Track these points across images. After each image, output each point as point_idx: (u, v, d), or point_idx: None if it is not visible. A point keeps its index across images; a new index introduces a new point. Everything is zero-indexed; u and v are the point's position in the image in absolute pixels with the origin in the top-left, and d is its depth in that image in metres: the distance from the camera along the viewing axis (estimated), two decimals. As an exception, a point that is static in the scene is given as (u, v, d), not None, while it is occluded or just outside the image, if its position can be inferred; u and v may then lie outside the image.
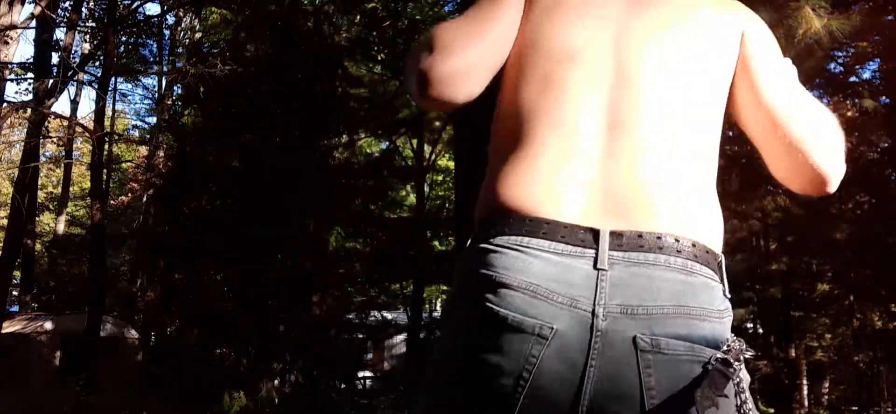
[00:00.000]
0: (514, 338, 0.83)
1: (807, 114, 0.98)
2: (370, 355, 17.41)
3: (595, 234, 0.86)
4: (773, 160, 1.01)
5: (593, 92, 0.93)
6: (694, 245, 0.87)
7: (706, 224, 0.90)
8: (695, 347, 0.83)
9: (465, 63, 0.95)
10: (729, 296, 0.92)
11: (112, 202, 22.36)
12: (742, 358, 0.84)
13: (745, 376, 0.85)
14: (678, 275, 0.85)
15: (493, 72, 0.99)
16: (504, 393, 0.83)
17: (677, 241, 0.86)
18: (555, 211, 0.87)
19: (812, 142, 0.95)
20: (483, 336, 0.85)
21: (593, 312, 0.82)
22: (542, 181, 0.89)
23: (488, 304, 0.85)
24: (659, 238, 0.86)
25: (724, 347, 0.84)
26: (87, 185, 20.46)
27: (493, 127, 1.00)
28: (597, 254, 0.85)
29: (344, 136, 12.35)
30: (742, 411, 0.83)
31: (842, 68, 9.53)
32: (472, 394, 0.86)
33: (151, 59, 17.88)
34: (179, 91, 15.70)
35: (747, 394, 0.84)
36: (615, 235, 0.86)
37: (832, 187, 0.98)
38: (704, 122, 0.96)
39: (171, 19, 17.69)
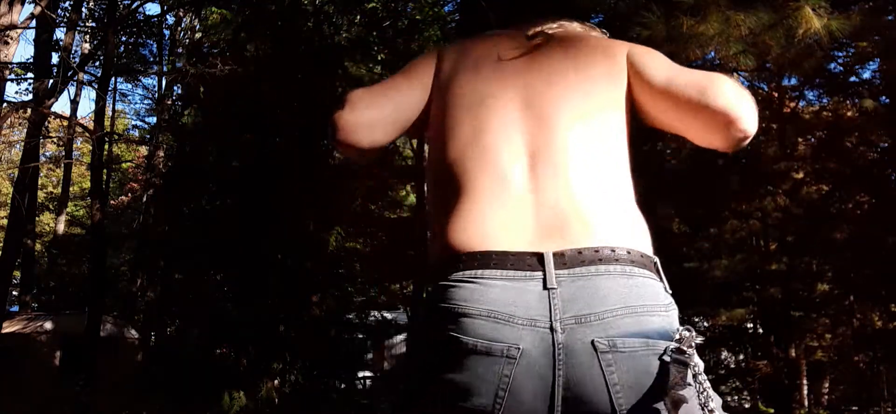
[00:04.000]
0: (486, 361, 0.92)
1: (695, 77, 1.09)
2: (370, 355, 17.40)
3: (540, 257, 0.96)
4: (690, 128, 1.11)
5: (511, 133, 1.06)
6: (629, 252, 0.97)
7: (634, 232, 1.02)
8: (649, 342, 0.93)
9: (366, 118, 1.14)
10: (669, 291, 1.01)
11: (112, 202, 22.37)
12: (693, 345, 0.92)
13: (699, 362, 0.93)
14: (620, 279, 0.95)
15: (398, 129, 1.17)
16: (485, 412, 0.92)
17: (613, 250, 0.96)
18: (501, 243, 0.97)
19: (707, 91, 1.06)
20: (457, 365, 0.93)
21: (551, 328, 0.92)
22: (484, 220, 1.00)
23: (456, 334, 0.93)
24: (596, 251, 0.96)
25: (677, 337, 0.93)
26: (87, 185, 20.46)
27: (426, 178, 1.16)
28: (545, 275, 0.94)
29: (344, 136, 12.33)
30: (701, 395, 0.91)
31: (842, 68, 9.53)
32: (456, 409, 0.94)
33: (151, 59, 17.90)
34: (179, 91, 15.70)
35: (704, 377, 0.92)
36: (558, 255, 0.96)
37: (744, 123, 1.06)
38: (613, 142, 1.08)
39: (171, 19, 17.70)
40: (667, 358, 0.91)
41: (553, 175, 1.02)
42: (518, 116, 1.07)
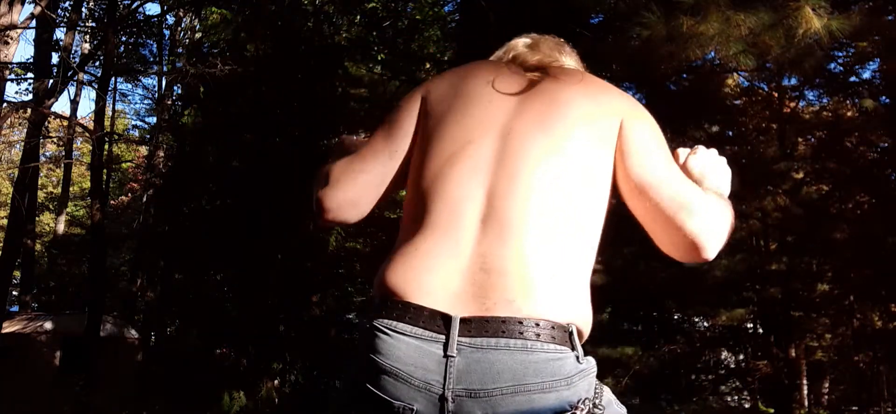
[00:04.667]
0: (386, 413, 0.96)
1: (680, 188, 1.07)
2: (370, 355, 17.43)
3: (447, 320, 0.96)
4: (657, 236, 1.10)
5: (475, 183, 1.04)
6: (538, 324, 0.96)
7: (558, 301, 0.99)
8: None
9: (349, 196, 1.15)
10: (582, 361, 1.00)
11: (112, 202, 22.37)
12: (598, 409, 0.96)
13: None
14: (518, 355, 0.94)
15: (384, 193, 1.17)
16: None
17: (521, 323, 0.95)
18: (420, 296, 0.99)
19: (682, 211, 1.05)
20: (365, 408, 0.99)
21: (443, 396, 0.94)
22: (415, 268, 1.01)
23: (367, 385, 0.98)
24: (504, 322, 0.95)
25: (570, 412, 0.95)
26: (87, 185, 20.46)
27: (403, 210, 1.15)
28: (447, 340, 0.95)
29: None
30: None
31: (842, 68, 9.53)
32: None
33: (151, 59, 17.89)
34: (179, 91, 15.71)
35: None
36: (465, 321, 0.96)
37: (707, 254, 1.07)
38: (580, 217, 1.05)
39: (171, 19, 17.71)
40: None
41: (498, 236, 1.00)
42: (488, 170, 1.05)
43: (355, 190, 1.15)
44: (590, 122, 1.09)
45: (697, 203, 1.07)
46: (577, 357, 0.99)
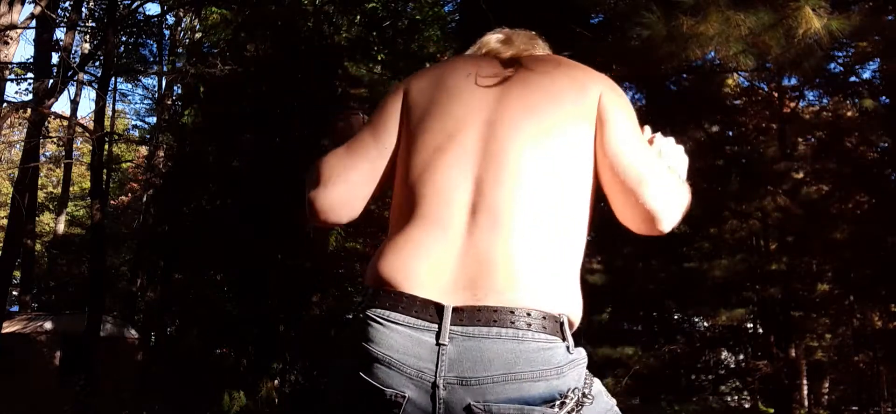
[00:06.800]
0: (378, 401, 0.98)
1: (643, 163, 1.10)
2: (370, 355, 17.41)
3: (440, 309, 0.98)
4: (616, 205, 1.12)
5: (462, 173, 1.06)
6: (529, 314, 0.98)
7: (548, 292, 1.01)
8: (525, 408, 0.95)
9: (342, 196, 1.16)
10: (573, 351, 1.01)
11: (112, 202, 22.37)
12: (578, 408, 0.97)
13: (601, 407, 1.01)
14: (509, 344, 0.96)
15: (374, 192, 1.18)
16: None
17: (512, 312, 0.97)
18: (413, 286, 1.01)
19: (642, 185, 1.08)
20: (357, 397, 1.01)
21: (434, 383, 0.96)
22: (406, 258, 1.03)
23: (360, 373, 1.00)
24: (495, 311, 0.97)
25: (559, 402, 0.96)
26: (87, 185, 20.46)
27: (392, 202, 1.16)
28: (440, 329, 0.97)
29: (344, 136, 12.33)
30: None
31: (842, 68, 9.53)
32: None
33: (151, 59, 17.90)
34: (179, 91, 15.71)
35: None
36: (457, 310, 0.98)
37: (663, 226, 1.10)
38: (568, 199, 1.07)
39: (171, 19, 17.71)
40: None
41: (488, 225, 1.02)
42: (475, 159, 1.07)
43: (347, 189, 1.16)
44: (571, 102, 1.11)
45: (657, 176, 1.10)
46: (568, 347, 1.00)
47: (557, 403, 0.96)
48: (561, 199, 1.06)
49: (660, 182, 1.10)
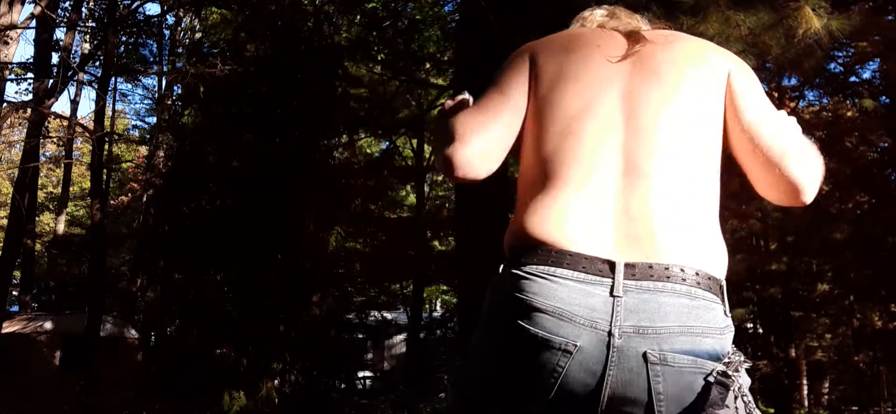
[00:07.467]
0: (546, 352, 1.01)
1: (783, 134, 1.15)
2: (370, 355, 17.40)
3: (611, 265, 1.02)
4: (757, 178, 1.17)
5: (608, 139, 1.10)
6: (697, 273, 1.03)
7: (709, 254, 1.06)
8: (697, 361, 1.00)
9: (479, 149, 1.15)
10: (729, 315, 1.08)
11: (112, 202, 22.36)
12: (741, 368, 1.01)
13: (745, 381, 1.01)
14: (683, 299, 1.01)
15: (507, 149, 1.19)
16: (538, 395, 1.03)
17: (682, 270, 1.02)
18: (577, 244, 1.04)
19: (786, 158, 1.12)
20: (520, 351, 1.03)
21: (610, 332, 0.99)
22: (566, 218, 1.06)
23: (523, 323, 1.02)
24: (667, 268, 1.02)
25: (725, 360, 1.01)
26: (87, 185, 20.46)
27: (520, 173, 1.19)
28: (613, 283, 1.01)
29: (344, 136, 12.33)
30: (747, 409, 1.00)
31: (842, 68, 9.53)
32: (515, 386, 1.05)
33: (151, 59, 17.90)
34: (179, 91, 15.69)
35: (748, 397, 1.01)
36: (629, 266, 1.02)
37: (807, 198, 1.15)
38: (707, 157, 1.12)
39: (171, 19, 17.70)
40: (711, 379, 0.99)
41: (641, 186, 1.06)
42: (618, 124, 1.11)
43: (487, 143, 1.16)
44: (698, 74, 1.15)
45: (798, 148, 1.14)
46: (725, 311, 1.07)
47: (724, 361, 1.01)
48: (703, 164, 1.11)
49: (802, 153, 1.14)
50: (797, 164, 1.12)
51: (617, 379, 0.99)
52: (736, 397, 0.99)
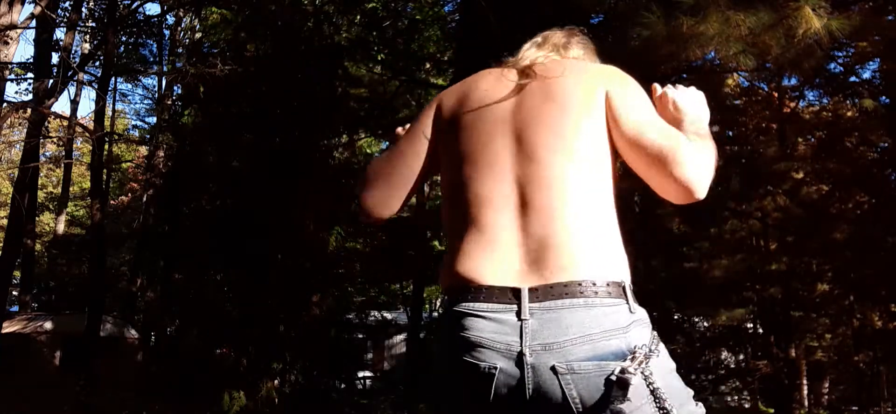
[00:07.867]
0: (476, 374, 1.17)
1: (665, 138, 1.23)
2: (370, 355, 17.39)
3: (516, 292, 1.17)
4: (651, 182, 1.26)
5: (505, 178, 1.24)
6: (594, 283, 1.15)
7: (605, 262, 1.19)
8: (601, 364, 1.11)
9: (385, 195, 1.38)
10: (635, 311, 1.18)
11: (112, 202, 22.36)
12: (646, 360, 1.11)
13: (655, 367, 1.12)
14: (581, 310, 1.14)
15: (411, 191, 1.39)
16: (481, 404, 1.18)
17: (580, 284, 1.15)
18: (490, 278, 1.19)
19: (669, 161, 1.21)
20: (460, 374, 1.20)
21: (521, 353, 1.14)
22: (477, 258, 1.21)
23: (461, 355, 1.19)
24: (566, 286, 1.15)
25: (629, 356, 1.11)
26: (87, 185, 20.46)
27: (441, 210, 1.36)
28: (519, 307, 1.16)
29: (344, 136, 12.32)
30: (656, 397, 1.10)
31: (842, 68, 9.52)
32: (463, 400, 1.22)
33: (151, 59, 17.90)
34: (179, 91, 15.69)
35: (657, 384, 1.11)
36: (533, 290, 1.16)
37: (698, 194, 1.23)
38: (598, 179, 1.24)
39: (171, 19, 17.71)
40: (612, 378, 1.09)
41: (538, 215, 1.20)
42: (511, 160, 1.25)
43: (387, 189, 1.38)
44: (581, 99, 1.27)
45: (680, 148, 1.22)
46: (629, 308, 1.17)
47: (629, 357, 1.11)
48: (594, 183, 1.23)
49: (684, 153, 1.22)
50: (681, 165, 1.20)
51: (535, 391, 1.13)
52: (646, 385, 1.10)
